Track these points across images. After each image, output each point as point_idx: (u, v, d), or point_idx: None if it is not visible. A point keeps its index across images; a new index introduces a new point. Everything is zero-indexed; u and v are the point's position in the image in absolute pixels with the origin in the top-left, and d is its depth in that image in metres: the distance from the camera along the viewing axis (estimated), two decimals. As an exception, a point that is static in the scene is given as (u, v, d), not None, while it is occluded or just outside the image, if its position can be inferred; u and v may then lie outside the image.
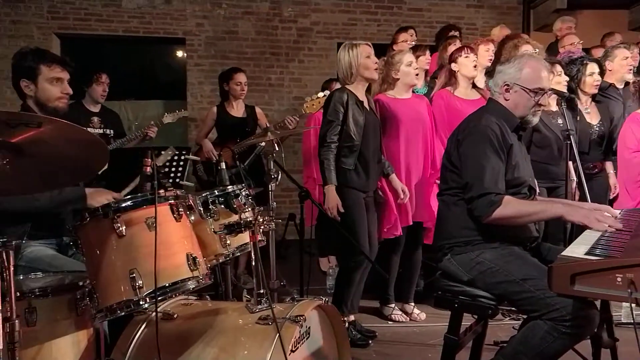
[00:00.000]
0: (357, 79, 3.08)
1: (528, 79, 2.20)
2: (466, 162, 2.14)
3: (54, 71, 2.21)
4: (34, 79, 2.20)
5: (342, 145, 3.03)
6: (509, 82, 2.22)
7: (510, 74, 2.23)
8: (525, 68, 2.20)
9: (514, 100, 2.23)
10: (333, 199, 2.96)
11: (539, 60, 2.28)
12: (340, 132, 3.01)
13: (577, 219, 2.00)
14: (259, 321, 1.65)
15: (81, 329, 1.68)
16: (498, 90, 2.26)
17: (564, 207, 2.09)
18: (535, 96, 2.20)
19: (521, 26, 7.04)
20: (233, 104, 4.32)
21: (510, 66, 2.23)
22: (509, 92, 2.23)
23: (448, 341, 2.19)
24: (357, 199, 3.03)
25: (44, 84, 2.20)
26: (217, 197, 1.90)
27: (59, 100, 2.25)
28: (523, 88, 2.19)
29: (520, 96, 2.21)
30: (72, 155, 1.43)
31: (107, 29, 6.35)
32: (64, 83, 2.25)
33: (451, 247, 2.22)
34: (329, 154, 3.00)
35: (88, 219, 1.57)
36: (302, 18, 6.60)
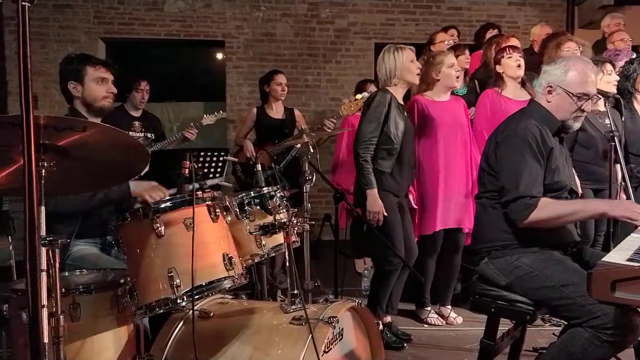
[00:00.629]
0: (399, 83, 3.07)
1: (573, 82, 2.13)
2: (503, 165, 2.10)
3: (99, 71, 2.33)
4: (81, 80, 2.32)
5: (380, 148, 3.00)
6: (553, 84, 2.16)
7: (555, 76, 2.17)
8: (571, 71, 2.13)
9: (556, 102, 2.17)
10: (378, 204, 2.92)
11: (587, 64, 2.19)
12: (380, 135, 2.99)
13: (619, 213, 1.95)
14: (292, 321, 1.67)
15: (122, 325, 1.74)
16: (541, 91, 2.21)
17: (605, 204, 2.08)
18: (578, 101, 2.13)
19: (565, 24, 6.83)
20: (273, 106, 4.38)
21: (556, 67, 2.17)
22: (551, 94, 2.17)
23: (484, 346, 2.16)
24: (392, 202, 3.01)
25: (90, 84, 2.32)
26: (253, 199, 1.94)
27: (104, 99, 2.36)
28: (567, 91, 2.13)
29: (563, 99, 2.15)
30: (114, 158, 1.49)
31: (150, 33, 6.52)
32: (109, 83, 2.36)
33: (489, 251, 2.19)
34: (367, 156, 2.97)
35: (129, 219, 1.63)
36: (340, 19, 6.61)
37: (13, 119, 1.23)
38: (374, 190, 2.94)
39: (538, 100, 2.23)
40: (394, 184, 3.04)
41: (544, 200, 2.01)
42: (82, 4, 6.41)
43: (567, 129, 2.22)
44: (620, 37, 4.61)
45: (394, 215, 3.01)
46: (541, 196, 2.02)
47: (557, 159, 2.13)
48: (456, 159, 3.31)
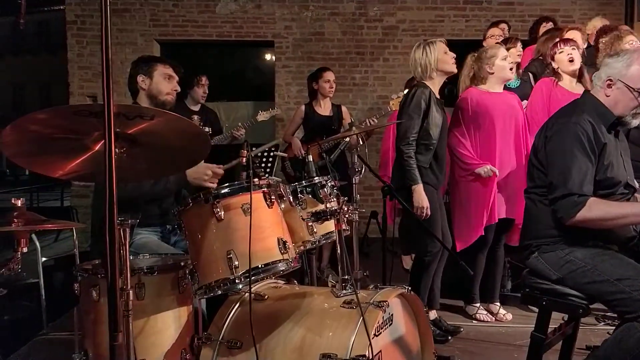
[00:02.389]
0: (436, 75, 3.09)
1: (635, 77, 2.07)
2: (552, 161, 2.07)
3: (168, 70, 2.53)
4: (150, 74, 2.51)
5: (419, 143, 3.03)
6: (613, 77, 2.10)
7: (616, 69, 2.10)
8: (634, 65, 2.07)
9: (615, 97, 2.11)
10: (424, 199, 2.96)
11: None
12: (420, 129, 3.02)
13: None
14: (343, 305, 1.73)
15: (182, 306, 1.84)
16: (600, 84, 2.15)
17: None
18: (639, 97, 2.07)
19: (623, 17, 6.58)
20: (321, 103, 4.46)
21: (617, 60, 2.11)
22: (610, 88, 2.11)
23: (535, 339, 2.15)
24: (432, 195, 3.04)
25: (158, 78, 2.51)
26: (305, 188, 2.01)
27: (168, 95, 2.53)
28: (627, 86, 2.07)
29: (623, 94, 2.09)
30: (178, 146, 1.58)
31: (202, 34, 6.74)
32: (174, 81, 2.55)
33: (539, 246, 2.16)
34: (411, 152, 3.00)
35: (191, 205, 1.73)
36: (388, 16, 6.62)
37: (89, 108, 1.34)
38: (420, 185, 2.97)
39: (595, 93, 2.17)
40: (433, 178, 3.08)
41: (594, 200, 1.96)
42: (138, 8, 6.69)
43: (625, 124, 2.16)
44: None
45: (436, 206, 3.05)
46: (591, 195, 1.98)
47: (611, 154, 2.07)
48: (511, 150, 3.30)
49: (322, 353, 1.60)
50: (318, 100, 4.45)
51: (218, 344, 1.78)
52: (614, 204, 2.02)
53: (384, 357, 1.71)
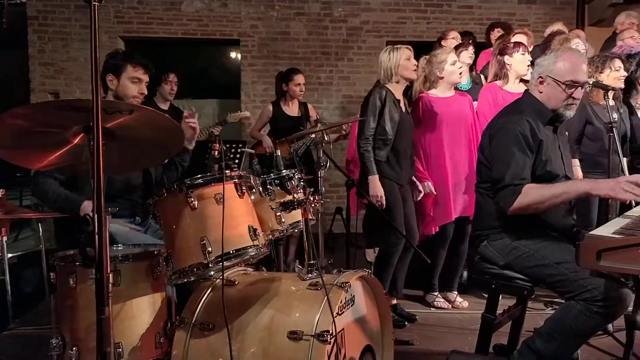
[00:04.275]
0: (397, 79, 3.30)
1: (561, 71, 2.24)
2: (494, 158, 2.25)
3: (137, 72, 2.49)
4: (119, 75, 2.49)
5: (377, 138, 3.26)
6: (543, 74, 2.28)
7: (544, 66, 2.28)
8: (560, 61, 2.25)
9: (547, 92, 2.28)
10: (378, 188, 3.19)
11: (576, 53, 2.32)
12: (377, 126, 3.24)
13: (603, 192, 2.02)
14: (309, 287, 1.86)
15: (156, 292, 1.94)
16: (534, 83, 2.33)
17: (588, 183, 2.14)
18: (567, 89, 2.23)
19: (575, 21, 6.92)
20: (289, 103, 4.55)
21: (545, 59, 2.30)
22: (542, 85, 2.28)
23: (485, 319, 2.31)
24: (391, 187, 3.27)
25: (125, 81, 2.49)
26: (274, 180, 2.13)
27: (134, 98, 2.51)
28: (555, 80, 2.24)
29: (553, 89, 2.26)
30: (154, 139, 1.68)
31: (168, 32, 6.74)
32: (142, 84, 2.52)
33: (488, 235, 2.33)
34: (368, 146, 3.24)
35: (166, 195, 1.83)
36: (352, 17, 6.78)
37: (72, 103, 1.43)
38: (375, 176, 3.21)
39: (532, 92, 2.35)
40: (392, 172, 3.30)
41: (528, 186, 2.12)
42: (103, 4, 6.59)
43: (560, 117, 2.32)
44: (630, 35, 4.75)
45: (394, 198, 3.26)
46: (526, 184, 2.14)
47: (549, 149, 2.25)
48: (461, 150, 3.52)
49: (289, 330, 1.74)
50: (287, 100, 4.54)
51: (191, 326, 1.89)
52: (546, 186, 2.16)
53: (346, 335, 1.86)
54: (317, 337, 1.70)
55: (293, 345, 1.72)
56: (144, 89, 2.54)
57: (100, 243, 1.22)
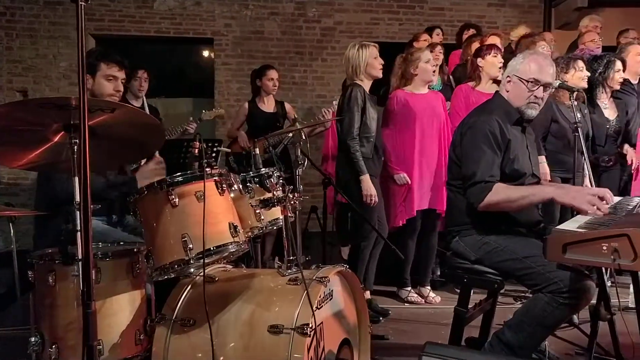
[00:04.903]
0: (364, 77, 3.38)
1: (526, 70, 2.34)
2: (465, 156, 2.33)
3: (111, 70, 2.46)
4: (93, 73, 2.46)
5: (360, 136, 3.32)
6: (510, 74, 2.38)
7: (512, 67, 2.39)
8: (527, 61, 2.35)
9: (513, 91, 2.38)
10: (371, 187, 3.26)
11: (542, 55, 2.43)
12: (360, 124, 3.30)
13: (566, 200, 2.12)
14: (289, 282, 1.91)
15: (136, 289, 1.95)
16: (504, 83, 2.43)
17: (554, 190, 2.24)
18: (530, 87, 2.33)
19: (542, 24, 7.13)
20: (264, 100, 4.59)
21: (514, 60, 2.40)
22: (509, 84, 2.39)
23: (457, 313, 2.39)
24: (375, 184, 3.34)
25: (100, 80, 2.46)
26: (253, 178, 2.17)
27: (110, 96, 2.48)
28: (520, 78, 2.34)
29: (518, 87, 2.35)
30: (134, 138, 1.70)
31: (140, 30, 6.67)
32: (117, 81, 2.49)
33: (459, 231, 2.41)
34: (356, 146, 3.29)
35: (146, 192, 1.85)
36: (326, 18, 6.83)
37: (54, 101, 1.44)
38: (367, 175, 3.27)
39: (501, 92, 2.45)
40: (374, 167, 3.39)
41: (499, 185, 2.21)
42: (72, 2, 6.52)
43: (523, 115, 2.41)
44: (590, 38, 4.94)
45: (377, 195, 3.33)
46: (496, 181, 2.23)
47: (516, 148, 2.34)
48: (432, 146, 3.62)
49: (270, 325, 1.77)
50: (261, 97, 4.59)
51: (172, 322, 1.90)
52: (516, 187, 2.27)
53: (324, 329, 1.90)
54: (297, 330, 1.74)
55: (274, 339, 1.76)
56: (120, 86, 2.51)
57: (86, 238, 1.24)
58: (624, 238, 1.65)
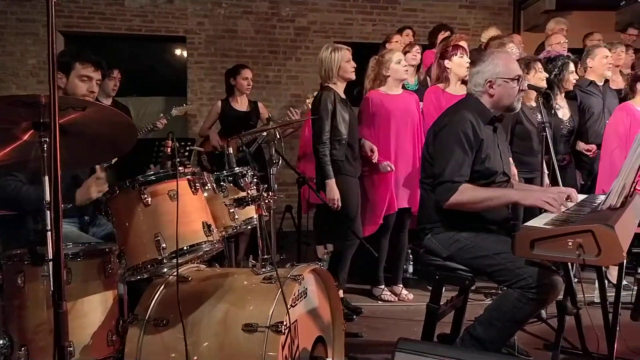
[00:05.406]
0: (337, 79, 3.41)
1: (507, 70, 2.41)
2: (436, 154, 2.38)
3: (86, 70, 2.40)
4: (67, 73, 2.39)
5: (332, 140, 3.34)
6: (492, 78, 2.42)
7: (490, 71, 2.42)
8: (499, 62, 2.41)
9: (499, 93, 2.42)
10: (335, 192, 3.28)
11: (506, 52, 2.50)
12: (331, 128, 3.33)
13: (530, 202, 2.19)
14: (263, 281, 1.91)
15: (108, 290, 1.93)
16: (481, 89, 2.45)
17: (518, 193, 2.31)
18: (516, 84, 2.42)
19: (512, 27, 7.28)
20: (238, 99, 4.58)
21: (486, 64, 2.44)
22: (493, 88, 2.42)
23: (430, 309, 2.43)
24: (351, 184, 3.38)
25: (74, 79, 2.39)
26: (227, 177, 2.16)
27: (83, 97, 2.40)
28: (505, 80, 2.41)
29: (505, 88, 2.41)
30: (106, 136, 1.68)
31: (111, 27, 6.57)
32: (92, 82, 2.43)
33: (432, 228, 2.45)
34: (325, 150, 3.32)
35: (118, 192, 1.83)
36: (300, 17, 6.85)
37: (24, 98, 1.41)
38: (332, 180, 3.30)
39: (478, 97, 2.47)
40: (351, 168, 3.42)
41: (465, 186, 2.26)
42: (41, -3, 6.40)
43: (512, 111, 2.51)
44: (557, 40, 5.07)
45: (353, 196, 3.38)
46: (463, 182, 2.27)
47: (488, 147, 2.39)
48: (406, 146, 3.67)
49: (244, 323, 1.78)
50: (235, 96, 4.58)
51: (145, 322, 1.89)
52: (482, 189, 2.31)
53: (299, 326, 1.91)
54: (272, 328, 1.75)
55: (248, 337, 1.76)
56: (94, 87, 2.45)
57: (57, 238, 1.22)
58: (589, 234, 1.70)
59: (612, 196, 2.00)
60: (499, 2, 7.34)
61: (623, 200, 2.03)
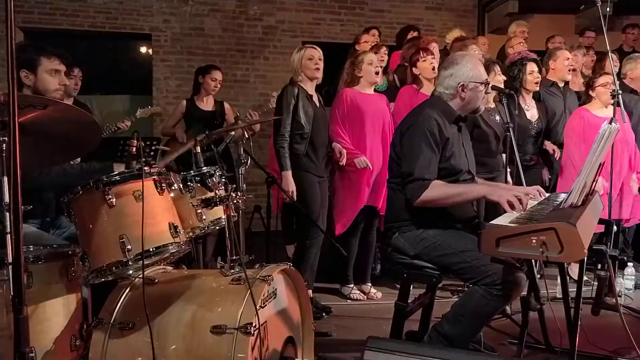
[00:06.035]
0: (303, 78, 3.46)
1: (477, 74, 2.47)
2: (404, 153, 2.41)
3: (53, 63, 2.33)
4: (34, 69, 2.30)
5: (294, 134, 3.38)
6: (464, 82, 2.46)
7: (463, 75, 2.47)
8: (471, 66, 2.47)
9: (470, 96, 2.48)
10: (290, 183, 3.33)
11: (475, 55, 2.56)
12: (292, 122, 3.36)
13: (494, 198, 2.23)
14: (232, 282, 1.89)
15: (71, 293, 1.87)
16: (453, 91, 2.48)
17: (486, 188, 2.37)
18: (485, 87, 2.50)
19: (477, 29, 7.42)
20: (203, 99, 4.52)
21: (459, 68, 2.48)
22: (465, 92, 2.47)
23: (398, 307, 2.45)
24: (311, 180, 3.40)
25: (43, 75, 2.31)
26: (194, 177, 2.13)
27: (56, 91, 2.35)
28: (477, 83, 2.47)
29: (475, 91, 2.48)
30: (69, 135, 1.63)
31: (73, 24, 6.40)
32: (62, 75, 2.36)
33: (399, 227, 2.47)
34: (283, 143, 3.36)
35: (81, 192, 1.78)
36: (268, 16, 6.81)
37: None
38: (288, 172, 3.35)
39: (447, 99, 2.51)
40: (311, 164, 3.43)
41: (435, 182, 2.31)
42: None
43: (478, 112, 2.58)
44: (517, 42, 5.21)
45: (312, 191, 3.40)
46: (433, 179, 2.32)
47: (454, 146, 2.44)
48: (378, 146, 3.71)
49: (212, 325, 1.75)
50: (201, 95, 4.52)
51: (110, 326, 1.84)
52: (451, 185, 2.37)
53: (268, 327, 1.90)
54: (241, 329, 1.73)
55: (216, 339, 1.74)
56: (65, 80, 2.39)
57: (17, 241, 1.18)
58: (552, 232, 1.75)
59: (574, 194, 2.06)
60: (464, 4, 7.46)
61: (584, 198, 2.10)
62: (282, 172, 3.34)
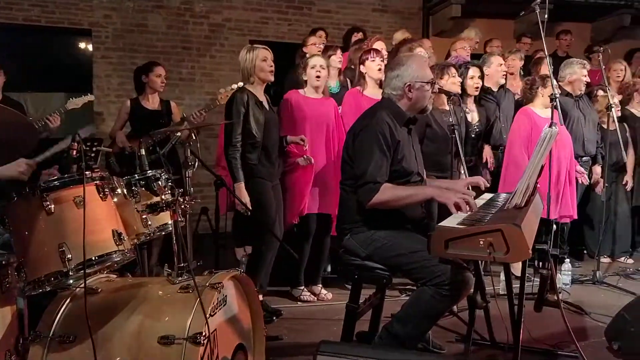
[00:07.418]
0: (255, 80, 3.35)
1: (423, 74, 2.51)
2: (357, 156, 2.42)
3: None
4: None
5: (245, 143, 3.28)
6: (411, 82, 2.49)
7: (409, 75, 2.50)
8: (416, 66, 2.51)
9: (417, 96, 2.51)
10: (244, 195, 3.22)
11: (420, 56, 2.60)
12: (243, 131, 3.26)
13: (442, 200, 2.28)
14: (180, 290, 1.82)
15: (5, 306, 1.75)
16: (400, 92, 2.51)
17: (434, 190, 2.41)
18: (431, 86, 2.53)
19: (421, 31, 7.57)
20: (149, 97, 4.35)
21: (405, 69, 2.51)
22: (411, 92, 2.50)
23: (349, 309, 2.47)
24: (265, 187, 3.33)
25: None
26: (139, 181, 2.04)
27: None
28: (422, 83, 2.50)
29: (421, 91, 2.51)
30: (1, 137, 1.52)
31: (5, 17, 6.05)
32: None
33: (351, 229, 2.49)
34: (235, 153, 3.25)
35: (16, 199, 1.66)
36: (214, 14, 6.69)
37: None
38: (241, 183, 3.24)
39: (395, 100, 2.54)
40: (265, 171, 3.36)
41: (386, 185, 2.34)
42: None
43: (426, 112, 2.61)
44: (462, 46, 5.37)
45: (267, 198, 3.33)
46: (384, 182, 2.35)
47: (404, 148, 2.47)
48: (322, 149, 3.69)
49: (160, 336, 1.68)
50: (146, 94, 4.35)
51: (49, 340, 1.74)
52: (401, 188, 2.41)
53: (218, 335, 1.85)
54: (190, 339, 1.67)
55: (165, 350, 1.67)
56: None
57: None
58: (498, 233, 1.80)
59: (518, 196, 2.12)
60: (409, 7, 7.59)
61: (527, 199, 2.17)
62: (234, 183, 3.23)
